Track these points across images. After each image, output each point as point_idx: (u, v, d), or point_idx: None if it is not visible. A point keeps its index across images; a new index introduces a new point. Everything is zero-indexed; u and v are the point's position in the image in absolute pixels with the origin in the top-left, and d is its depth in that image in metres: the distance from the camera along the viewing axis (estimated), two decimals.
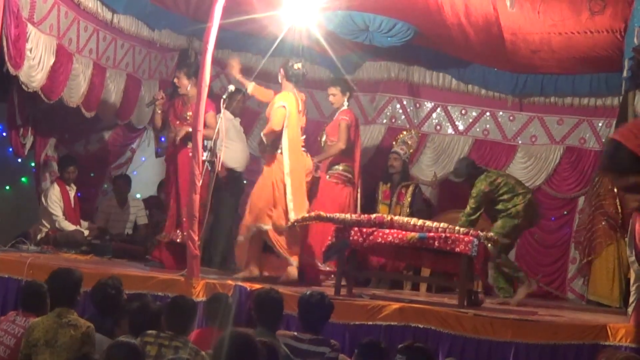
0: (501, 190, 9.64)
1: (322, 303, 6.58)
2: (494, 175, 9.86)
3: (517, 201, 9.59)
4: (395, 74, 12.29)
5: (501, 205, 9.63)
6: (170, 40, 12.05)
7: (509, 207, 9.59)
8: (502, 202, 9.63)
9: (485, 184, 9.62)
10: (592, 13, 9.02)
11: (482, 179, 9.69)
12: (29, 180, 12.28)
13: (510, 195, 9.62)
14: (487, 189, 9.60)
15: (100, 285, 6.87)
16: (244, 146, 10.90)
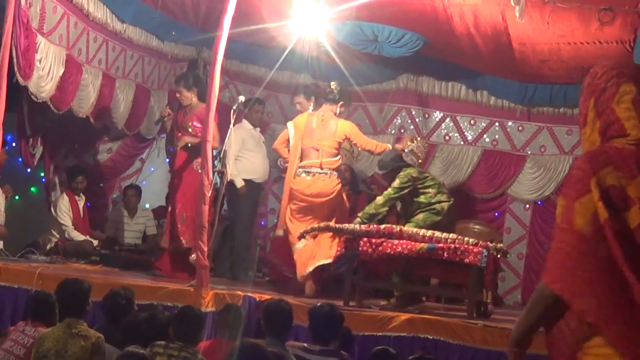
0: (427, 182, 9.49)
1: (333, 315, 6.56)
2: (421, 169, 9.83)
3: (441, 198, 9.45)
4: (404, 84, 12.28)
5: (423, 198, 9.44)
6: (179, 50, 12.06)
7: (433, 202, 9.42)
8: (424, 194, 9.44)
9: (415, 171, 9.50)
10: (602, 24, 9.00)
11: (410, 167, 9.58)
12: (38, 190, 12.31)
13: (435, 192, 9.47)
14: (415, 174, 9.44)
15: (111, 295, 6.88)
16: (263, 156, 10.94)
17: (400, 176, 9.43)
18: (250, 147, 10.70)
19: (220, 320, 7.09)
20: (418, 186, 9.43)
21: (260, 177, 10.89)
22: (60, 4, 9.57)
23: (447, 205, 9.42)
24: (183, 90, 10.21)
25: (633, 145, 3.37)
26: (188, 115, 10.22)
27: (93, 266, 10.39)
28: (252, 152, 10.69)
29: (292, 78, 12.30)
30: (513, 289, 11.70)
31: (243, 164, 10.63)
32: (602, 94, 3.54)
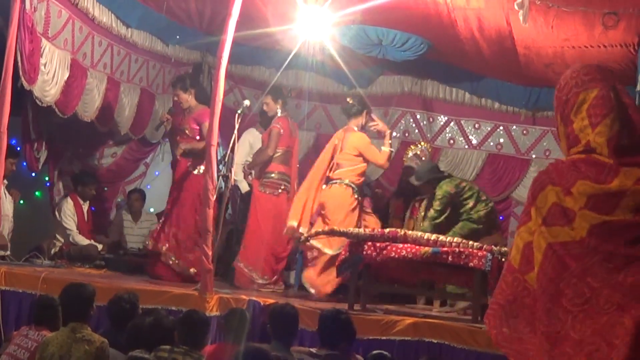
0: (466, 194, 9.57)
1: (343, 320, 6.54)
2: (457, 179, 9.89)
3: (479, 207, 9.54)
4: (409, 88, 12.28)
5: (463, 209, 9.56)
6: (184, 54, 12.07)
7: (471, 211, 9.53)
8: (465, 205, 9.55)
9: (451, 186, 9.56)
10: (606, 27, 8.99)
11: (447, 181, 9.64)
12: (43, 195, 12.32)
13: (474, 201, 9.56)
14: (452, 190, 9.52)
15: (115, 299, 6.89)
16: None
17: (439, 197, 9.52)
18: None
19: (225, 325, 7.08)
20: (457, 200, 9.56)
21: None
22: (65, 8, 9.58)
23: (485, 212, 9.53)
24: (180, 93, 10.25)
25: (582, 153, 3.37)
26: (186, 117, 10.26)
27: (97, 270, 10.40)
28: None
29: (297, 81, 12.30)
30: None
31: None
32: (565, 106, 3.52)
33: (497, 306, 3.47)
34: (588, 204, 3.21)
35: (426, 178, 9.79)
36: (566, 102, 3.51)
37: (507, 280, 3.38)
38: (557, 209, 3.24)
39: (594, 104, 3.41)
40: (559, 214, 3.23)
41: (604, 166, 3.29)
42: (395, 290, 9.79)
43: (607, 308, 3.09)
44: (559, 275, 3.19)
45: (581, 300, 3.14)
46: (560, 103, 3.55)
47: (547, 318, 3.20)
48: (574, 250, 3.19)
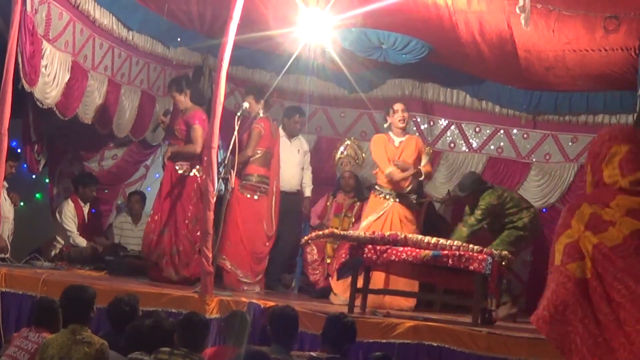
0: (508, 205, 9.76)
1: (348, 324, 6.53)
2: (499, 190, 10.00)
3: (523, 215, 9.75)
4: (410, 92, 12.28)
5: (507, 219, 9.76)
6: (184, 57, 12.08)
7: (515, 220, 9.72)
8: (508, 216, 9.76)
9: (494, 197, 9.72)
10: (607, 31, 9.00)
11: (489, 192, 9.78)
12: (43, 197, 12.31)
13: (517, 210, 9.77)
14: (495, 202, 9.69)
15: (116, 302, 6.89)
16: (293, 166, 11.00)
17: (482, 207, 9.69)
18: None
19: (226, 327, 7.08)
20: (500, 211, 9.73)
21: (285, 186, 10.85)
22: (66, 10, 9.59)
23: (529, 219, 9.75)
24: (176, 95, 10.28)
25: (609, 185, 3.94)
26: (177, 118, 10.27)
27: (98, 272, 10.40)
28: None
29: (297, 84, 12.30)
30: (518, 296, 11.67)
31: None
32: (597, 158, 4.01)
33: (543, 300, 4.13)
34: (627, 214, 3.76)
35: (470, 189, 9.92)
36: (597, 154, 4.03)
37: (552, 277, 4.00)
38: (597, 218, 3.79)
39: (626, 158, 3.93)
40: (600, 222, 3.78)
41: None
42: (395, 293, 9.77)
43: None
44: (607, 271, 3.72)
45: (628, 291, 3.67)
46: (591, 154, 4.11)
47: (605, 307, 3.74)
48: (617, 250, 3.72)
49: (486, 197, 9.72)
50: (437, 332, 7.87)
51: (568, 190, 11.65)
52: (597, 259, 3.70)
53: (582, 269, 3.74)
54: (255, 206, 10.21)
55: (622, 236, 3.69)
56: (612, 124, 11.46)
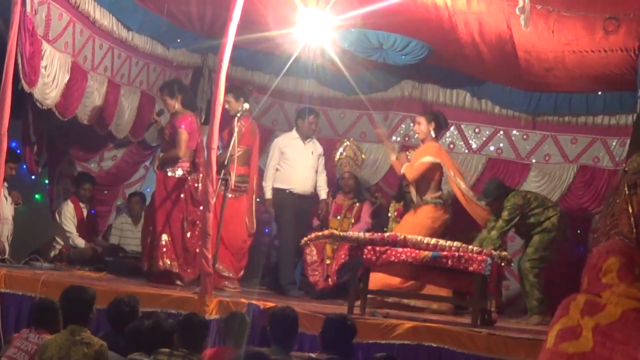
0: (532, 204, 9.79)
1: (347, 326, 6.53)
2: (522, 192, 10.15)
3: (549, 214, 9.76)
4: (409, 92, 12.28)
5: (533, 219, 9.77)
6: (184, 58, 12.07)
7: (542, 220, 9.74)
8: (534, 216, 9.77)
9: (519, 198, 9.78)
10: (607, 32, 9.00)
11: (513, 194, 9.86)
12: (43, 197, 12.31)
13: (542, 209, 9.78)
14: (520, 202, 9.73)
15: (115, 302, 6.88)
16: (305, 168, 10.98)
17: (507, 207, 9.72)
18: (289, 157, 10.76)
19: (225, 329, 7.08)
20: (525, 211, 9.74)
21: (298, 188, 10.87)
22: (66, 11, 9.58)
23: (557, 219, 9.75)
24: (167, 99, 10.30)
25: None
26: (168, 122, 10.27)
27: (97, 273, 10.39)
28: (289, 162, 10.75)
29: (297, 85, 12.30)
30: (517, 298, 11.68)
31: (280, 173, 10.74)
32: (593, 269, 3.99)
33: None
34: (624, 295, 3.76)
35: (494, 195, 9.95)
36: (594, 265, 4.01)
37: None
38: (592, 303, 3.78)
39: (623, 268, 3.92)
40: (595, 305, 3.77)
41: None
42: (395, 294, 9.77)
43: None
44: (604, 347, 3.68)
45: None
46: (588, 267, 4.06)
47: None
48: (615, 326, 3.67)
49: (511, 198, 9.76)
50: (437, 333, 7.87)
51: (568, 191, 11.66)
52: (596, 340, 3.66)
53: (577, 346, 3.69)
54: (236, 204, 10.20)
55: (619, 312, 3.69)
56: (611, 124, 11.48)
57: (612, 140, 11.55)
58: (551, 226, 9.72)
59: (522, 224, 9.82)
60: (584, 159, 11.68)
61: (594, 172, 11.61)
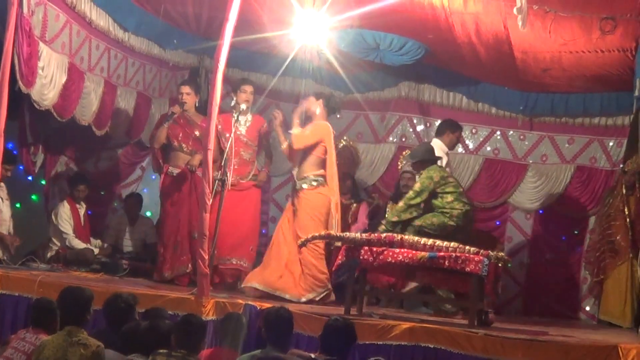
0: (447, 188, 9.49)
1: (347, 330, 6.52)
2: (446, 171, 9.79)
3: (455, 205, 9.44)
4: (406, 93, 12.28)
5: (439, 201, 9.48)
6: (180, 58, 12.06)
7: (446, 206, 9.45)
8: (441, 198, 9.47)
9: (437, 174, 9.49)
10: (603, 32, 9.00)
11: (435, 168, 9.59)
12: (39, 198, 12.30)
13: (453, 198, 9.47)
14: (437, 178, 9.45)
15: (113, 298, 6.88)
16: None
17: (421, 179, 9.51)
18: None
19: (222, 329, 7.07)
20: (437, 190, 9.46)
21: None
22: (62, 11, 9.57)
23: (459, 213, 9.43)
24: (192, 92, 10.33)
25: None
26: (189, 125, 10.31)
27: (94, 274, 10.39)
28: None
29: (294, 86, 12.30)
30: (514, 298, 11.69)
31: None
32: None
33: None
34: None
35: (420, 157, 9.75)
36: None
37: None
38: None
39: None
40: None
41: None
42: (392, 295, 9.77)
43: None
44: None
45: None
46: None
47: None
48: None
49: (430, 170, 9.52)
50: (433, 333, 7.85)
51: (565, 191, 11.67)
52: None
53: None
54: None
55: None
56: (608, 125, 11.50)
57: (609, 140, 11.57)
58: (449, 214, 9.41)
59: (427, 201, 9.53)
60: (581, 159, 11.69)
61: (590, 172, 11.62)
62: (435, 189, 9.45)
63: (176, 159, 10.53)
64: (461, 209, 9.43)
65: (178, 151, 10.50)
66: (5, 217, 10.34)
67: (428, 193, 9.44)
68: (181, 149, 10.45)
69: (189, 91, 10.41)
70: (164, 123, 10.62)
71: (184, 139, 10.42)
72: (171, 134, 10.47)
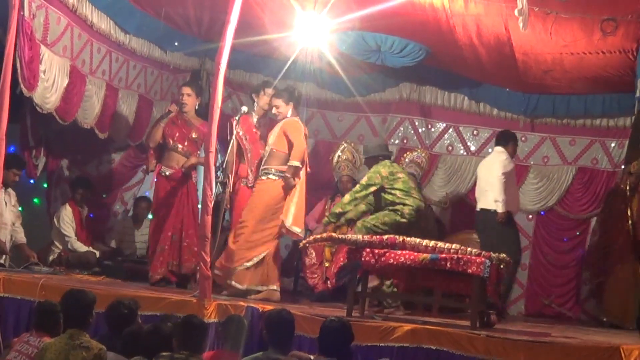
0: (396, 184, 9.45)
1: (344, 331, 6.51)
2: (399, 168, 9.75)
3: (406, 201, 9.40)
4: (407, 95, 12.29)
5: (390, 197, 9.45)
6: (182, 61, 12.08)
7: (397, 202, 9.41)
8: (391, 194, 9.44)
9: (385, 169, 9.47)
10: (604, 34, 9.01)
11: (384, 163, 9.57)
12: (41, 201, 12.31)
13: (403, 194, 9.43)
14: (385, 173, 9.43)
15: (115, 304, 6.88)
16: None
17: (369, 174, 9.49)
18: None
19: (223, 332, 7.07)
20: (386, 186, 9.43)
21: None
22: (64, 15, 9.59)
23: (410, 209, 9.39)
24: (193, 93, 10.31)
25: None
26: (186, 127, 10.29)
27: (96, 277, 10.38)
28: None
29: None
30: (516, 300, 11.69)
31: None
32: None
33: None
34: None
35: (372, 153, 9.75)
36: None
37: None
38: None
39: None
40: None
41: None
42: (394, 297, 9.76)
43: None
44: None
45: None
46: None
47: None
48: None
49: (379, 166, 9.50)
50: (436, 335, 7.85)
51: (566, 193, 11.67)
52: None
53: None
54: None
55: None
56: (609, 126, 11.49)
57: (610, 141, 11.57)
58: (401, 211, 9.37)
59: (378, 196, 9.52)
60: (583, 160, 11.68)
61: (592, 173, 11.62)
62: (384, 184, 9.44)
63: (169, 159, 10.40)
64: (412, 205, 9.40)
65: (172, 151, 10.39)
66: (6, 222, 10.32)
67: (375, 187, 9.43)
68: (176, 149, 10.35)
69: (189, 92, 10.34)
70: (160, 122, 10.58)
71: (180, 139, 10.34)
72: (167, 133, 10.36)
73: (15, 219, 10.52)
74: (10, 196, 10.43)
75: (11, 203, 10.44)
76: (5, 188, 10.27)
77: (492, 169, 10.35)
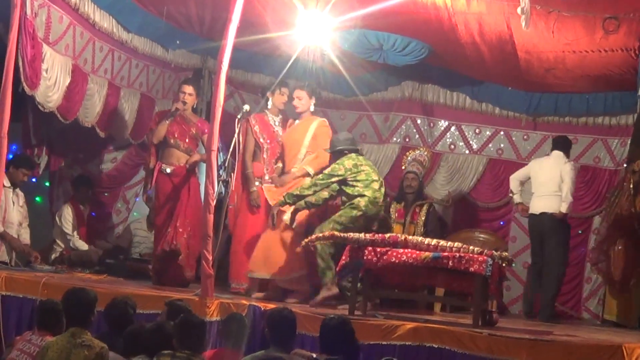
0: (359, 177, 9.40)
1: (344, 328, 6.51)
2: (364, 162, 9.62)
3: (364, 192, 9.35)
4: (409, 93, 12.27)
5: (350, 190, 9.41)
6: (184, 59, 12.08)
7: (355, 195, 9.38)
8: (352, 187, 9.40)
9: (350, 162, 9.42)
10: (607, 32, 9.01)
11: (350, 156, 9.51)
12: (43, 200, 12.32)
13: (363, 186, 9.38)
14: (349, 166, 9.38)
15: (114, 303, 6.89)
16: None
17: (335, 164, 9.46)
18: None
19: (224, 330, 7.07)
20: (348, 178, 9.39)
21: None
22: (66, 13, 9.59)
23: (366, 201, 9.32)
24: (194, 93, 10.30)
25: None
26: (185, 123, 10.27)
27: (98, 276, 10.39)
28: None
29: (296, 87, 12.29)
30: (518, 298, 11.67)
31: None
32: None
33: None
34: None
35: (338, 147, 9.68)
36: None
37: None
38: None
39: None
40: None
41: None
42: (396, 295, 9.76)
43: None
44: None
45: None
46: None
47: None
48: None
49: (345, 159, 9.46)
50: (438, 333, 7.85)
51: None
52: None
53: None
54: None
55: None
56: (612, 125, 11.48)
57: (612, 140, 11.55)
58: (356, 204, 9.31)
59: (343, 189, 9.47)
60: (585, 159, 11.66)
61: (595, 172, 11.60)
62: (346, 177, 9.39)
63: (170, 156, 10.34)
64: (369, 196, 9.35)
65: (174, 148, 10.35)
66: (12, 221, 10.32)
67: (337, 178, 9.37)
68: (177, 146, 10.31)
69: (191, 92, 10.30)
70: (166, 119, 10.53)
71: (180, 136, 10.32)
72: (168, 130, 10.34)
73: (23, 220, 10.51)
74: (18, 196, 10.42)
75: (19, 203, 10.44)
76: (14, 188, 10.28)
77: (563, 172, 10.37)
